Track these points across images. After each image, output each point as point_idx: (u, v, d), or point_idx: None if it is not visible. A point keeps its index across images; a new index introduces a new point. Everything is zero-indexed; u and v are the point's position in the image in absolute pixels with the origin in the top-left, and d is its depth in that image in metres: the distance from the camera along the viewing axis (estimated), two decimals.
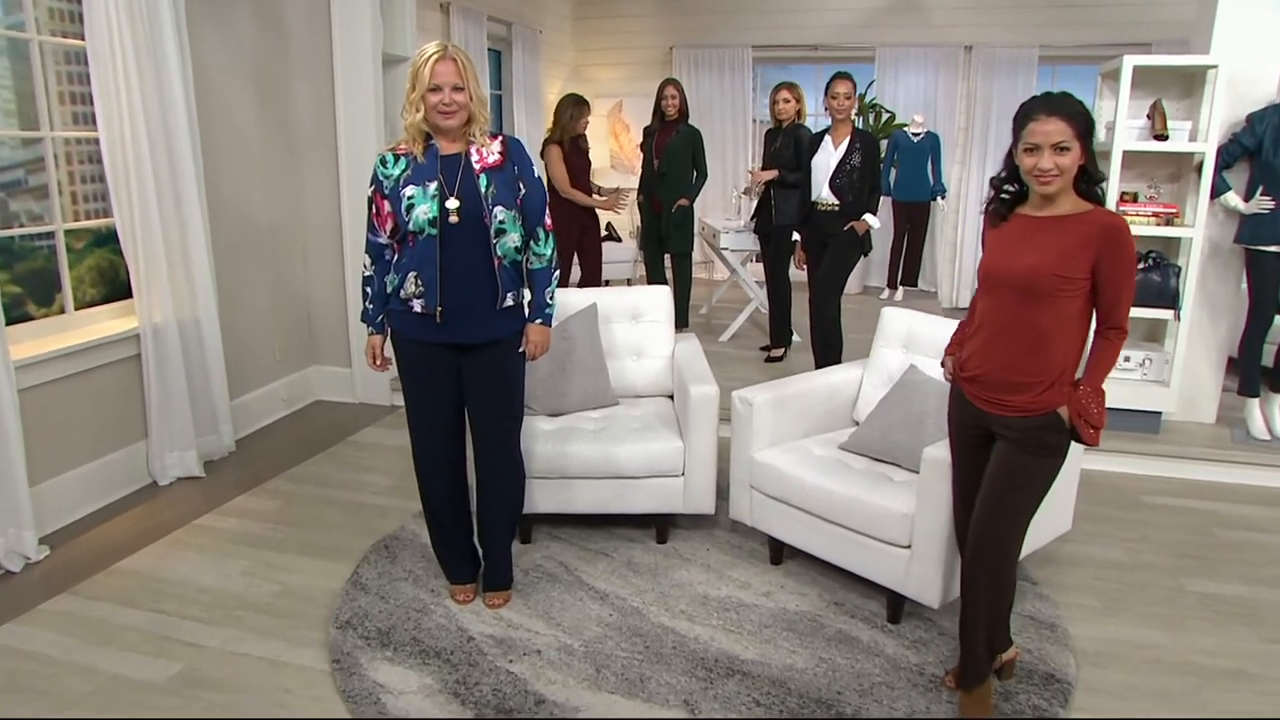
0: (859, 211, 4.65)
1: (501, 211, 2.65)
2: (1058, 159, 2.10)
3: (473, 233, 2.64)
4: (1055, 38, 7.91)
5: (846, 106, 4.59)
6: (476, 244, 2.65)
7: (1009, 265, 2.20)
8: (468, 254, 2.66)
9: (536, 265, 2.83)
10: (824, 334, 4.79)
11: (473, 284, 2.68)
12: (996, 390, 2.25)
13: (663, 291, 3.90)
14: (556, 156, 5.68)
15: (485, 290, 2.70)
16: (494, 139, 2.72)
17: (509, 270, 2.73)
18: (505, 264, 2.71)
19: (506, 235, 2.67)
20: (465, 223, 2.63)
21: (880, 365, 3.50)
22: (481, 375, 2.81)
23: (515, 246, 2.72)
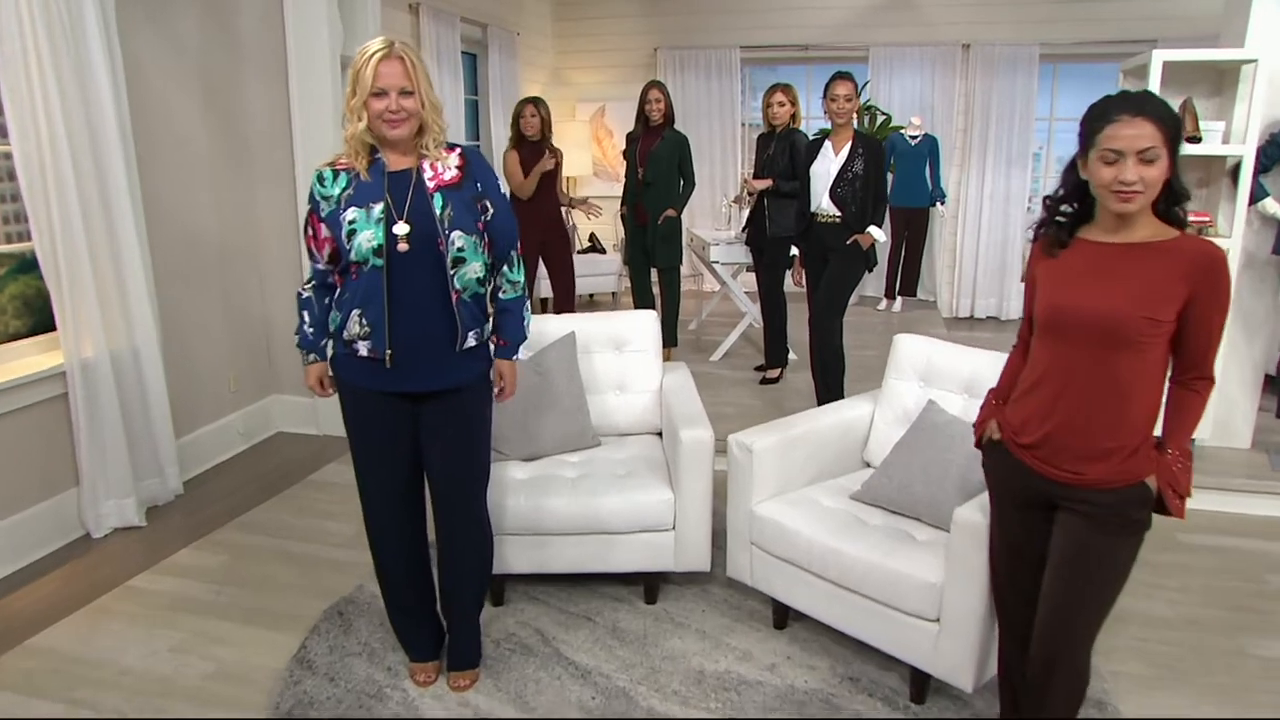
0: (862, 224, 4.27)
1: (460, 237, 2.25)
2: (1144, 170, 1.71)
3: (426, 262, 2.24)
4: (1056, 35, 7.56)
5: (848, 109, 4.21)
6: (431, 275, 2.26)
7: (1082, 305, 1.80)
8: (420, 287, 2.26)
9: (509, 295, 2.46)
10: (825, 358, 4.41)
11: (427, 322, 2.29)
12: (1068, 458, 1.86)
13: (648, 317, 3.51)
14: (512, 161, 5.43)
15: (442, 329, 2.30)
16: (450, 151, 2.32)
17: (470, 305, 2.33)
18: (465, 298, 2.31)
19: (466, 264, 2.28)
20: (417, 251, 2.23)
21: (894, 400, 3.12)
22: (440, 427, 2.42)
23: (477, 277, 2.32)
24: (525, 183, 5.38)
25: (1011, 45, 7.65)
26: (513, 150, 5.47)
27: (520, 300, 2.48)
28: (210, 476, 4.37)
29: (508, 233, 2.41)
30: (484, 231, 2.34)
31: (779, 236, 5.16)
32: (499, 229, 2.37)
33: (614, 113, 8.52)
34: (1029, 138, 7.82)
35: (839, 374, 4.43)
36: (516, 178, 5.40)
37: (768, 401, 5.07)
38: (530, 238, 5.40)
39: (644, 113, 5.52)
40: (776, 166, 5.15)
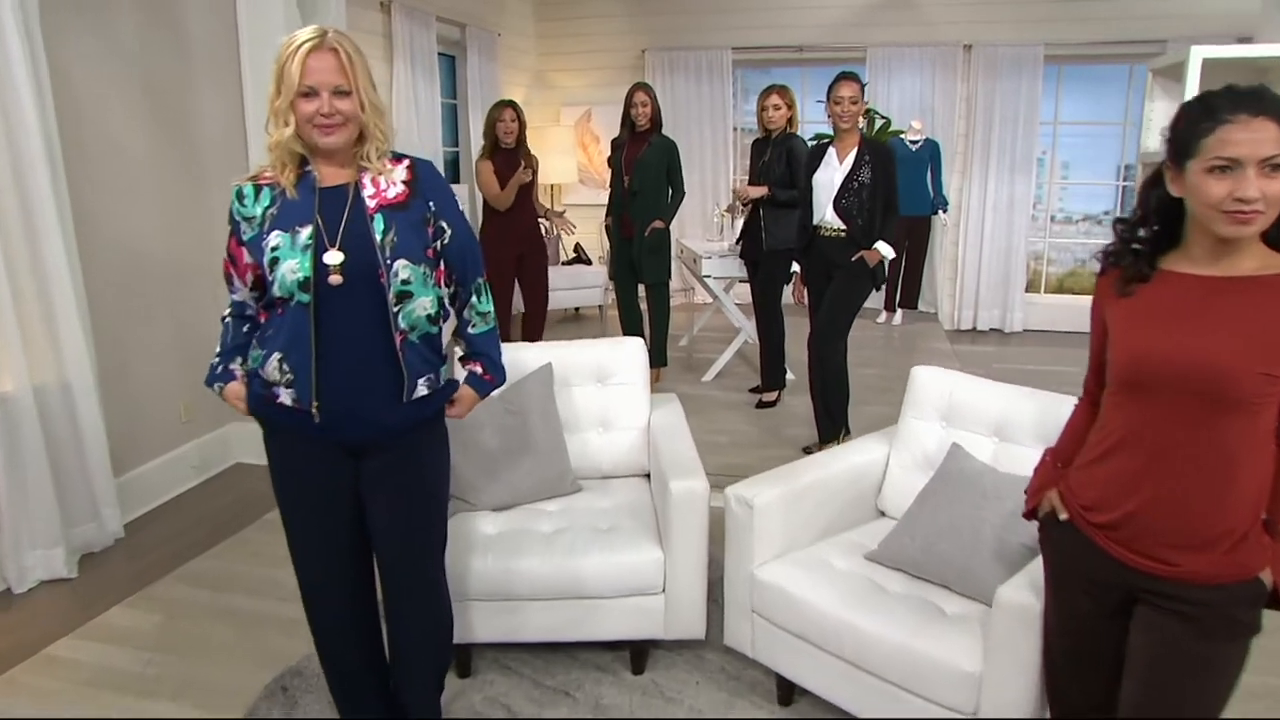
0: (870, 238, 3.92)
1: (406, 267, 1.88)
2: (1267, 184, 1.35)
3: (364, 298, 1.87)
4: (1062, 35, 7.24)
5: (853, 112, 3.86)
6: (370, 313, 1.88)
7: (1175, 355, 1.45)
8: (357, 328, 1.89)
9: (479, 328, 2.12)
10: (826, 380, 4.06)
11: (365, 370, 1.91)
12: (1157, 544, 1.50)
13: (634, 346, 3.14)
14: (486, 171, 5.07)
15: (384, 377, 1.93)
16: (397, 163, 1.96)
17: (419, 348, 1.96)
18: (413, 339, 1.94)
19: (414, 300, 1.91)
20: (353, 284, 1.86)
21: (911, 441, 2.76)
22: (386, 484, 2.04)
23: (427, 314, 1.95)
24: (503, 195, 5.02)
25: (1015, 46, 7.32)
26: (486, 159, 5.11)
27: (493, 333, 2.14)
28: (156, 516, 3.99)
29: (469, 259, 2.05)
30: (438, 259, 1.98)
31: (776, 249, 4.81)
32: (458, 255, 2.01)
33: (600, 117, 8.16)
34: (1033, 142, 7.50)
35: (842, 399, 4.09)
36: (492, 189, 5.04)
37: (764, 428, 4.72)
38: (506, 252, 5.06)
39: (630, 117, 5.16)
40: (772, 174, 4.80)
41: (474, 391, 2.11)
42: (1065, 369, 6.31)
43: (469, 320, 2.10)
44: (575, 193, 8.36)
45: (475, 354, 2.12)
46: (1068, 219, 8.56)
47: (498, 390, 2.21)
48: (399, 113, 5.92)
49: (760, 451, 4.35)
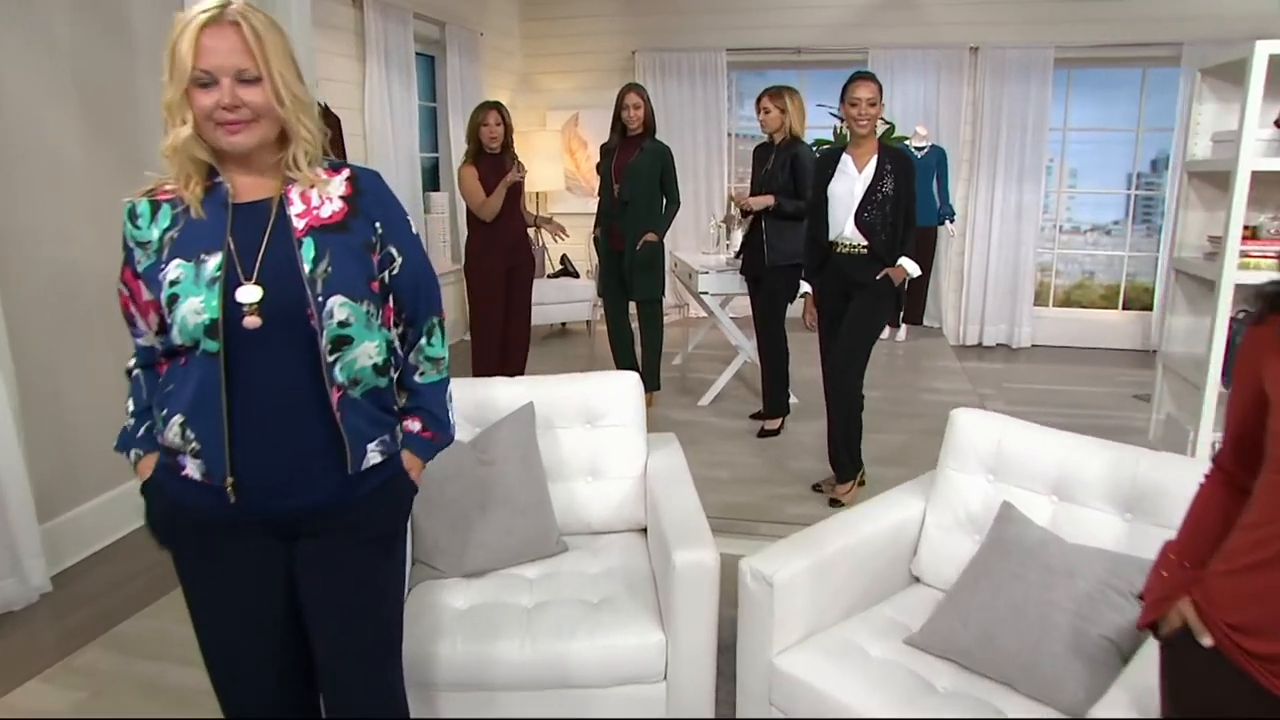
0: (894, 254, 3.53)
1: (343, 305, 1.47)
2: None
3: (290, 345, 1.47)
4: (1073, 37, 6.89)
5: (871, 115, 3.48)
6: (298, 364, 1.48)
7: None
8: (282, 383, 1.48)
9: (428, 376, 1.69)
10: (847, 420, 3.68)
11: (295, 435, 1.50)
12: None
13: (628, 382, 2.74)
14: (470, 178, 4.63)
15: (321, 444, 1.52)
16: (334, 173, 1.55)
17: (363, 406, 1.55)
18: (355, 395, 1.53)
19: (354, 346, 1.50)
20: (275, 327, 1.45)
21: (952, 496, 2.37)
22: (326, 577, 1.63)
23: (374, 363, 1.54)
24: (489, 202, 4.59)
25: (1023, 48, 6.97)
26: (469, 165, 4.67)
27: (443, 384, 1.71)
28: (89, 567, 3.55)
29: (424, 293, 1.64)
30: (385, 293, 1.57)
31: (779, 265, 4.42)
32: (410, 288, 1.61)
33: (588, 121, 7.78)
34: (1042, 149, 7.15)
35: (859, 433, 3.71)
36: (476, 196, 4.62)
37: (769, 461, 4.32)
38: (495, 265, 4.65)
39: (621, 120, 4.77)
40: (776, 183, 4.41)
41: (414, 455, 1.67)
42: (1080, 388, 5.95)
43: (415, 366, 1.67)
44: (562, 201, 7.96)
45: (417, 408, 1.69)
46: (1075, 229, 8.21)
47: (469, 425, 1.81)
48: (372, 116, 5.51)
49: (766, 489, 3.96)
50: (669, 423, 4.84)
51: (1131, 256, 7.60)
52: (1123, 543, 2.02)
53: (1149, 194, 7.62)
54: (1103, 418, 5.22)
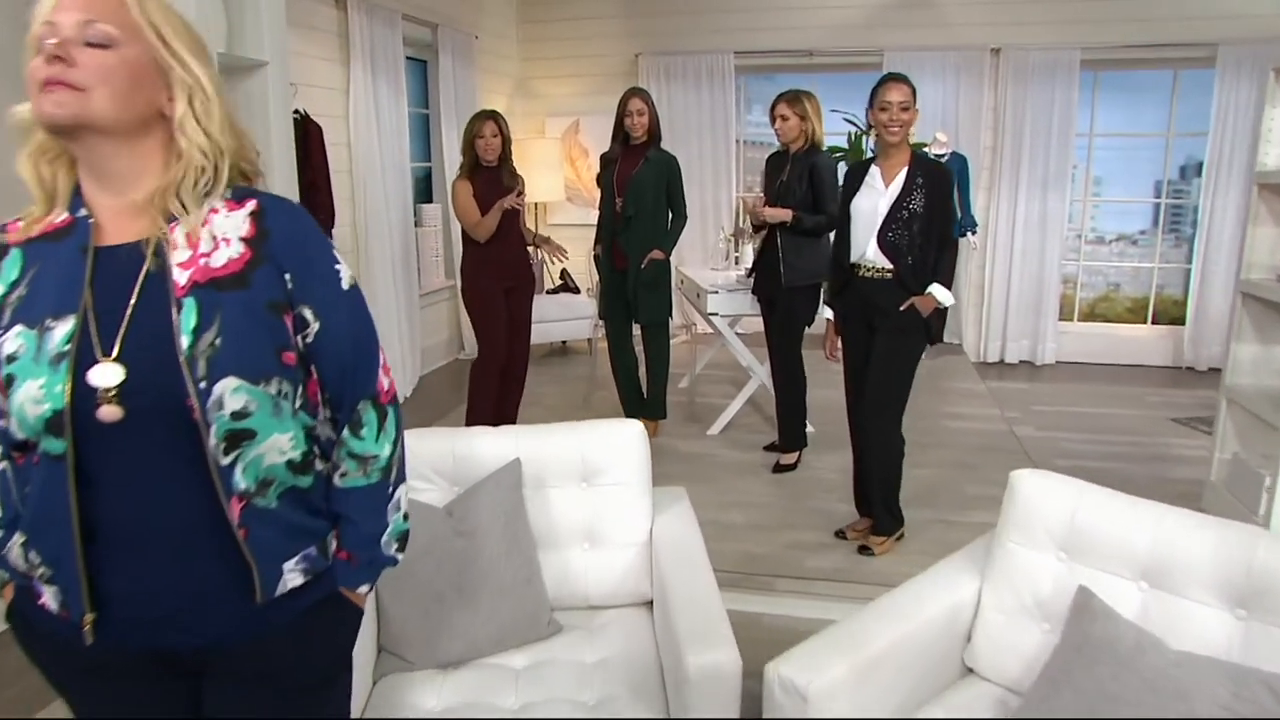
0: (922, 281, 3.16)
1: (238, 390, 1.09)
2: None
3: (164, 444, 1.09)
4: (1101, 37, 6.52)
5: (904, 121, 3.11)
6: (177, 469, 1.10)
7: None
8: (157, 493, 1.11)
9: (353, 479, 1.26)
10: (885, 469, 3.32)
11: (180, 559, 1.13)
12: None
13: (633, 433, 2.37)
14: (465, 194, 4.25)
15: (216, 567, 1.15)
16: (238, 205, 1.17)
17: (277, 514, 1.17)
18: (265, 504, 1.16)
19: (258, 441, 1.12)
20: (142, 421, 1.07)
21: (1014, 575, 1.99)
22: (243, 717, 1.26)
23: (288, 460, 1.17)
24: (483, 223, 4.21)
25: (1048, 49, 6.60)
26: (464, 180, 4.28)
27: (380, 489, 1.28)
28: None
29: (351, 368, 1.24)
30: (299, 365, 1.19)
31: (797, 286, 4.05)
32: (331, 361, 1.22)
33: (589, 128, 7.42)
34: (1068, 155, 6.77)
35: (899, 482, 3.34)
36: (470, 215, 4.24)
37: (786, 500, 3.95)
38: (492, 286, 4.27)
39: (623, 128, 4.41)
40: (793, 196, 4.05)
41: (347, 589, 1.28)
42: (1113, 411, 5.58)
43: (338, 464, 1.25)
44: (562, 212, 7.60)
45: (340, 520, 1.28)
46: (1100, 239, 7.84)
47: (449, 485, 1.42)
48: (357, 124, 5.16)
49: (784, 536, 3.59)
50: (676, 454, 4.47)
51: (1161, 268, 7.22)
52: (1237, 648, 1.65)
53: (1178, 202, 7.25)
54: (1144, 446, 4.85)
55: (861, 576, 3.25)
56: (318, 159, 4.74)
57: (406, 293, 5.65)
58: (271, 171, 3.75)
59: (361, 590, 1.29)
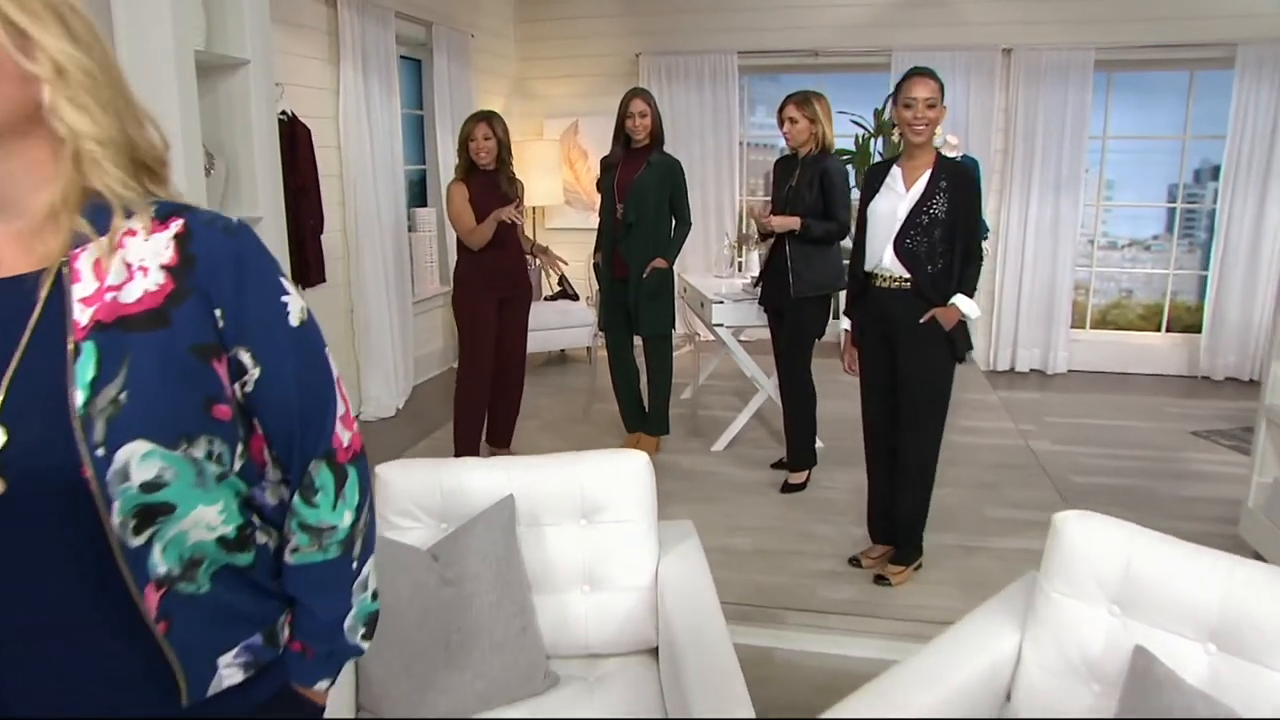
0: (944, 292, 2.97)
1: (148, 457, 0.87)
2: None
3: (56, 520, 0.88)
4: (1115, 37, 6.33)
5: (930, 119, 2.91)
6: (76, 550, 0.89)
7: None
8: (49, 582, 0.90)
9: (305, 555, 1.05)
10: (915, 495, 3.13)
11: (84, 658, 0.93)
12: None
13: (637, 465, 2.17)
14: (460, 198, 4.06)
15: (132, 667, 0.94)
16: (161, 226, 0.95)
17: (210, 599, 0.97)
18: (193, 588, 0.95)
19: (178, 517, 0.91)
20: (27, 492, 0.86)
21: (1060, 631, 1.80)
22: None
23: (220, 536, 0.97)
24: (477, 231, 4.00)
25: (1062, 50, 6.41)
26: (460, 183, 4.09)
27: (337, 569, 1.06)
28: None
29: (301, 422, 1.02)
30: (237, 419, 0.98)
31: (806, 297, 3.86)
32: (276, 412, 1.01)
33: (588, 130, 7.23)
34: (1081, 159, 6.58)
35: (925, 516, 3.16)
36: (464, 221, 4.04)
37: (795, 522, 3.75)
38: (485, 296, 4.08)
39: (624, 130, 4.22)
40: (802, 202, 3.85)
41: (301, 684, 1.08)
42: (1130, 423, 5.39)
43: (289, 536, 1.05)
44: (561, 215, 7.41)
45: (293, 604, 1.07)
46: (1112, 244, 7.64)
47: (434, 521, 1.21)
48: (347, 126, 4.96)
49: (795, 563, 3.39)
50: (678, 472, 4.28)
51: (1176, 274, 7.02)
52: None
53: (1192, 207, 7.06)
54: (1165, 461, 4.65)
55: (878, 609, 3.05)
56: (306, 162, 4.55)
57: (399, 300, 5.45)
58: (255, 177, 3.56)
59: (320, 686, 1.09)
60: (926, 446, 3.06)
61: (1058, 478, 4.36)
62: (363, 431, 1.08)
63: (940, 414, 3.05)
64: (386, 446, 4.77)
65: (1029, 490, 4.15)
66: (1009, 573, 3.30)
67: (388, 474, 2.12)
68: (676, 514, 3.67)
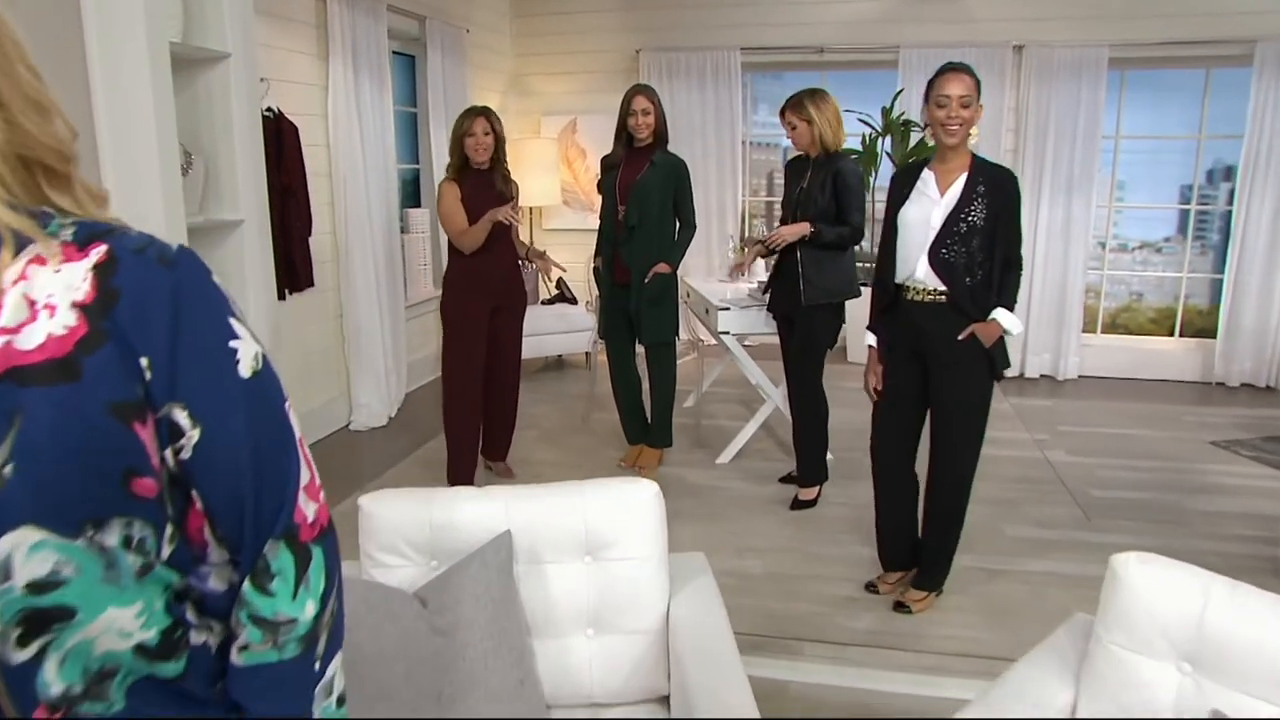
0: (983, 305, 2.77)
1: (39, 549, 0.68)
2: None
3: None
4: (1130, 34, 6.15)
5: (965, 119, 2.72)
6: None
7: None
8: None
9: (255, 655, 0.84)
10: (948, 521, 2.95)
11: None
12: None
13: (647, 496, 1.98)
14: (452, 198, 3.85)
15: None
16: (79, 253, 0.75)
17: None
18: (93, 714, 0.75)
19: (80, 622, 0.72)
20: None
21: (1120, 689, 1.61)
22: None
23: (136, 644, 0.76)
24: (469, 234, 3.81)
25: (1075, 47, 6.23)
26: (451, 182, 3.89)
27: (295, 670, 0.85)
28: None
29: (258, 488, 0.82)
30: (168, 495, 0.79)
31: (819, 304, 3.67)
32: (225, 478, 0.81)
33: (587, 128, 7.04)
34: (1094, 159, 6.40)
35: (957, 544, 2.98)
36: (456, 222, 3.85)
37: (807, 542, 3.57)
38: (476, 305, 3.89)
39: (626, 129, 4.03)
40: (813, 205, 3.67)
41: None
42: (1146, 432, 5.21)
43: (237, 631, 0.84)
44: (559, 216, 7.22)
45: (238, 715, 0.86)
46: (1123, 247, 7.47)
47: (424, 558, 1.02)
48: (337, 123, 4.76)
49: (810, 588, 3.20)
50: (683, 486, 4.09)
51: (1190, 278, 6.84)
52: None
53: (1205, 208, 6.89)
54: (1188, 474, 4.48)
55: (900, 640, 2.87)
56: (293, 162, 4.35)
57: (391, 304, 5.25)
58: (236, 177, 3.36)
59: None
60: (963, 471, 2.87)
61: (1077, 492, 4.18)
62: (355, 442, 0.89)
63: (978, 437, 2.85)
64: (379, 458, 4.58)
65: (1050, 507, 3.96)
66: (1036, 599, 3.15)
67: (372, 506, 1.92)
68: (682, 533, 3.51)
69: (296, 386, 4.65)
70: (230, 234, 3.42)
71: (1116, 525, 3.77)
